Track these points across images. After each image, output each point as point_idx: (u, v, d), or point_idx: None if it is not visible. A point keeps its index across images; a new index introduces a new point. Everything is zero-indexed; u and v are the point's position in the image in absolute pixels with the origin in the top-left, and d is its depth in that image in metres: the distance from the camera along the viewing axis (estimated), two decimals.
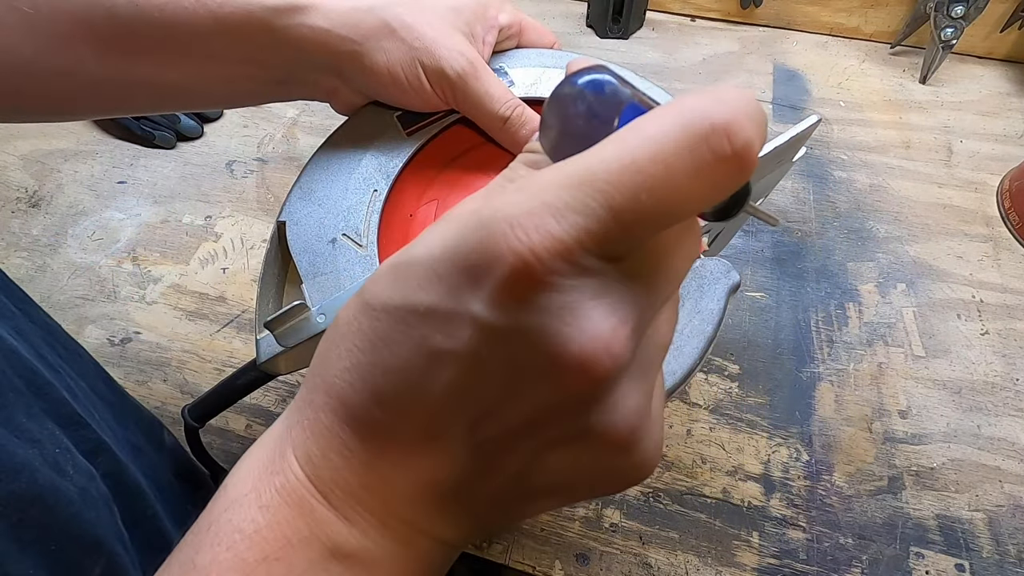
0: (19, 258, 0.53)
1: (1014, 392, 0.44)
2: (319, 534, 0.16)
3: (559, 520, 0.40)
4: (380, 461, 0.16)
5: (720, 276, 0.29)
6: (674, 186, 0.13)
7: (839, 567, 0.38)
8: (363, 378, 0.16)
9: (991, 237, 0.53)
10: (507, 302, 0.13)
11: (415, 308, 0.15)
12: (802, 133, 0.25)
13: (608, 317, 0.14)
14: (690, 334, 0.28)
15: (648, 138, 0.13)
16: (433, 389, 0.15)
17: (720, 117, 0.12)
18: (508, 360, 0.14)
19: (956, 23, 0.59)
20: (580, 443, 0.15)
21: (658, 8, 0.72)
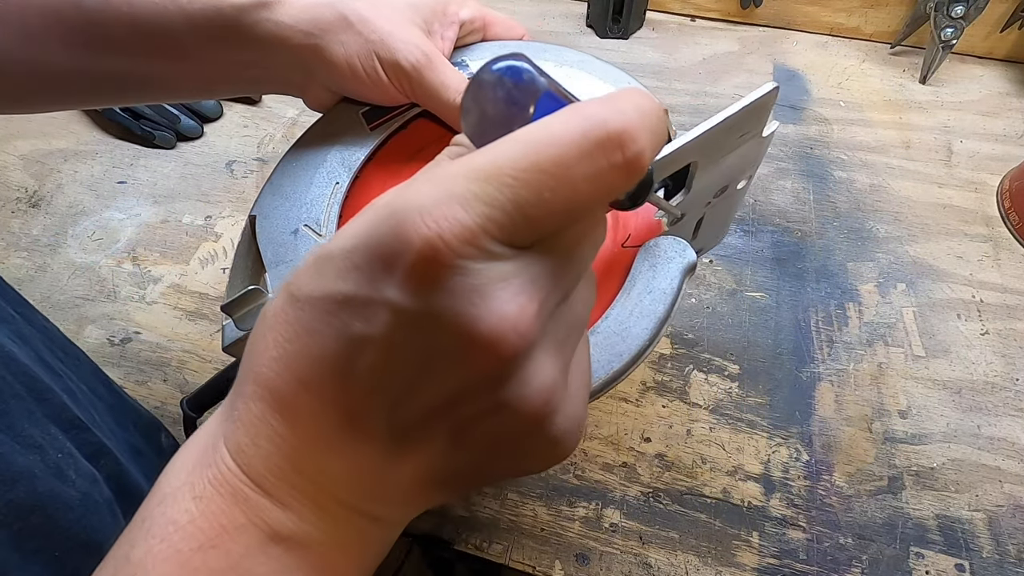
0: (19, 258, 0.53)
1: (1014, 392, 0.44)
2: (255, 520, 0.16)
3: (559, 520, 0.40)
4: (310, 445, 0.17)
5: (675, 255, 0.28)
6: (573, 187, 0.14)
7: (839, 567, 0.38)
8: (289, 366, 0.16)
9: (991, 237, 0.53)
10: (418, 286, 0.14)
11: (335, 297, 0.15)
12: (756, 103, 0.24)
13: (515, 298, 0.15)
14: (640, 315, 0.27)
15: (552, 141, 0.14)
16: (355, 373, 0.16)
17: (615, 127, 0.14)
18: (422, 342, 0.15)
19: (956, 23, 0.59)
20: (497, 418, 0.16)
21: (658, 8, 0.72)
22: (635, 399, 0.44)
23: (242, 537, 0.16)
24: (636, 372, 0.45)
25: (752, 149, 0.28)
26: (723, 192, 0.30)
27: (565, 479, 0.41)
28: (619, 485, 0.41)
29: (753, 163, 0.30)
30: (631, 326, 0.27)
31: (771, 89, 0.24)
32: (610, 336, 0.27)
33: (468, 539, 0.39)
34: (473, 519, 0.40)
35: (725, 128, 0.24)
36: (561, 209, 0.15)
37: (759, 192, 0.56)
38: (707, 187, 0.29)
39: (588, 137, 0.14)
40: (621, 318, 0.27)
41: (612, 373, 0.26)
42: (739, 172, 0.30)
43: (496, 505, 0.40)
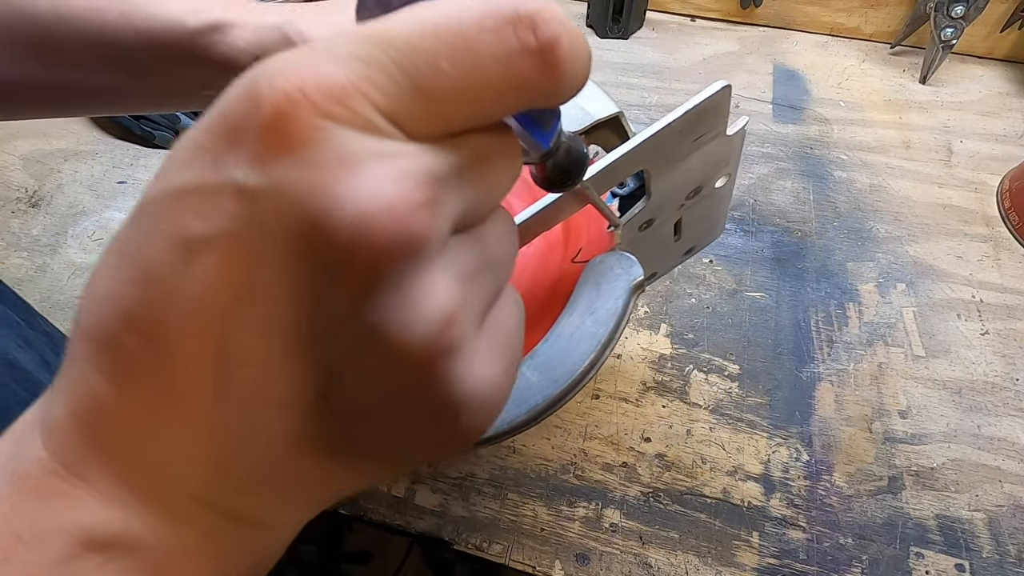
0: (19, 258, 0.53)
1: (1014, 392, 0.44)
2: (66, 523, 0.13)
3: (559, 520, 0.40)
4: (142, 411, 0.13)
5: (620, 273, 0.27)
6: (476, 63, 0.12)
7: (839, 567, 0.38)
8: (116, 303, 0.12)
9: (991, 237, 0.53)
10: (269, 156, 0.11)
11: (171, 193, 0.12)
12: (702, 105, 0.23)
13: (396, 176, 0.11)
14: (580, 338, 0.25)
15: (453, 10, 0.12)
16: (189, 293, 0.12)
17: (526, 8, 0.12)
18: (272, 236, 0.11)
19: (956, 23, 0.59)
20: (372, 353, 0.12)
21: (658, 8, 0.72)
22: (635, 399, 0.44)
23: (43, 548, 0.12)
24: (636, 372, 0.45)
25: (719, 149, 0.27)
26: (697, 193, 0.30)
27: (565, 479, 0.41)
28: (619, 485, 0.41)
29: (725, 162, 0.29)
30: (571, 350, 0.25)
31: (718, 90, 0.23)
32: (549, 359, 0.25)
33: (468, 539, 0.39)
34: (473, 519, 0.40)
35: (670, 134, 0.23)
36: (463, 88, 0.12)
37: (759, 192, 0.56)
38: (674, 190, 0.28)
39: (495, 10, 0.12)
40: (562, 340, 0.26)
41: (547, 400, 0.25)
42: (710, 172, 0.29)
43: (496, 505, 0.40)
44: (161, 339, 0.12)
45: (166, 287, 0.12)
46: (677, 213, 0.31)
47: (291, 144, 0.11)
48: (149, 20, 0.29)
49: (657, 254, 0.33)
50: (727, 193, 0.33)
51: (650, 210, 0.28)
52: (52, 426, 0.13)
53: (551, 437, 0.43)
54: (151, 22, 0.29)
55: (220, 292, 0.12)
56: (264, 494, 0.14)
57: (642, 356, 0.46)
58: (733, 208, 0.55)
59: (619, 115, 0.30)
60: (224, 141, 0.11)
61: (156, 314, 0.12)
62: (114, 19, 0.29)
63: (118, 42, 0.29)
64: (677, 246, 0.34)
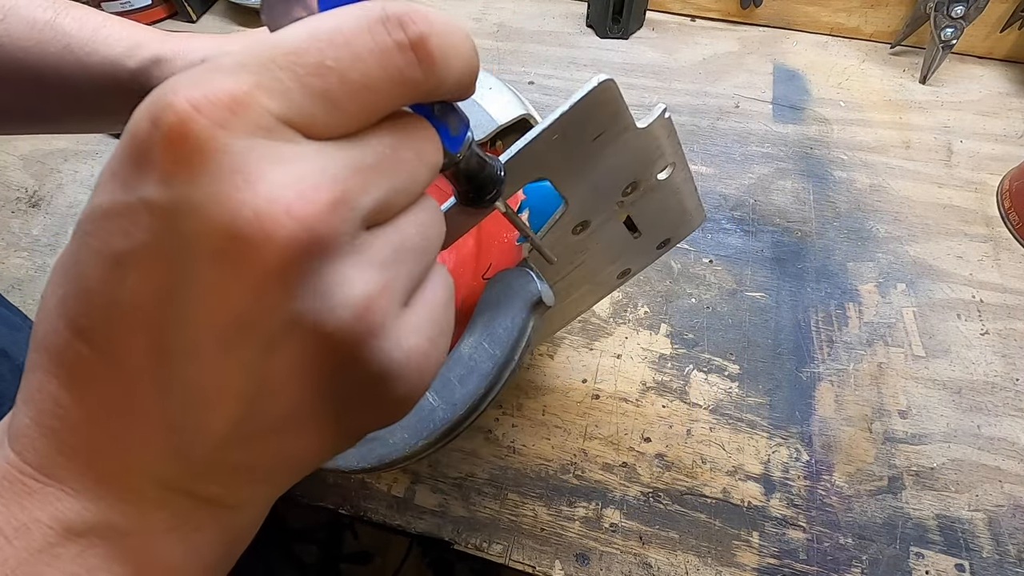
0: (19, 258, 0.53)
1: (1014, 392, 0.44)
2: (41, 518, 0.14)
3: (559, 520, 0.40)
4: (97, 411, 0.14)
5: (518, 290, 0.26)
6: (358, 59, 0.13)
7: (839, 567, 0.38)
8: (62, 314, 0.14)
9: (991, 237, 0.53)
10: (172, 173, 0.12)
11: (94, 214, 0.13)
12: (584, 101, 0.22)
13: (294, 181, 0.12)
14: (479, 360, 0.25)
15: (329, 19, 0.13)
16: (124, 302, 0.13)
17: (393, 9, 0.13)
18: (187, 246, 0.12)
19: (956, 23, 0.59)
20: (295, 342, 0.13)
21: (658, 8, 0.72)
22: (635, 399, 0.44)
23: (22, 541, 0.13)
24: (636, 372, 0.45)
25: (636, 143, 0.25)
26: (635, 188, 0.28)
27: (565, 479, 0.41)
28: (619, 485, 0.41)
29: (658, 154, 0.27)
30: (470, 372, 0.25)
31: (594, 87, 0.22)
32: (448, 383, 0.25)
33: (468, 539, 0.39)
34: (473, 519, 0.40)
35: (547, 141, 0.22)
36: (349, 84, 0.13)
37: (759, 192, 0.56)
38: (597, 191, 0.27)
39: (367, 13, 0.13)
40: (460, 363, 0.25)
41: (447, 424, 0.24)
42: (640, 168, 0.27)
43: (496, 505, 0.40)
44: (105, 345, 0.13)
45: (102, 298, 0.13)
46: (620, 211, 0.29)
47: (191, 158, 0.12)
48: (92, 55, 0.30)
49: (620, 252, 0.32)
50: (683, 182, 0.31)
51: (576, 214, 0.27)
52: (18, 433, 0.14)
53: (551, 437, 0.43)
54: (94, 57, 0.30)
55: (149, 298, 0.13)
56: (225, 476, 0.15)
57: (642, 356, 0.46)
58: (733, 208, 0.55)
59: (527, 116, 0.30)
60: (131, 163, 0.12)
61: (98, 323, 0.13)
62: (57, 51, 0.29)
63: (61, 74, 0.30)
64: (642, 241, 0.33)
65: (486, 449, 0.43)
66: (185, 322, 0.13)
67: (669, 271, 0.51)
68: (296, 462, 0.16)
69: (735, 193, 0.56)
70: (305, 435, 0.15)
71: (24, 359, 0.15)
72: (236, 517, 0.17)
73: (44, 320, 0.14)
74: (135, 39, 0.30)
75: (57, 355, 0.14)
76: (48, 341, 0.14)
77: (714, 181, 0.57)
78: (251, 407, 0.14)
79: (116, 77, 0.30)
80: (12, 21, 0.29)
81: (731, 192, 0.56)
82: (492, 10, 0.74)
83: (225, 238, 0.12)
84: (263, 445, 0.15)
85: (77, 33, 0.29)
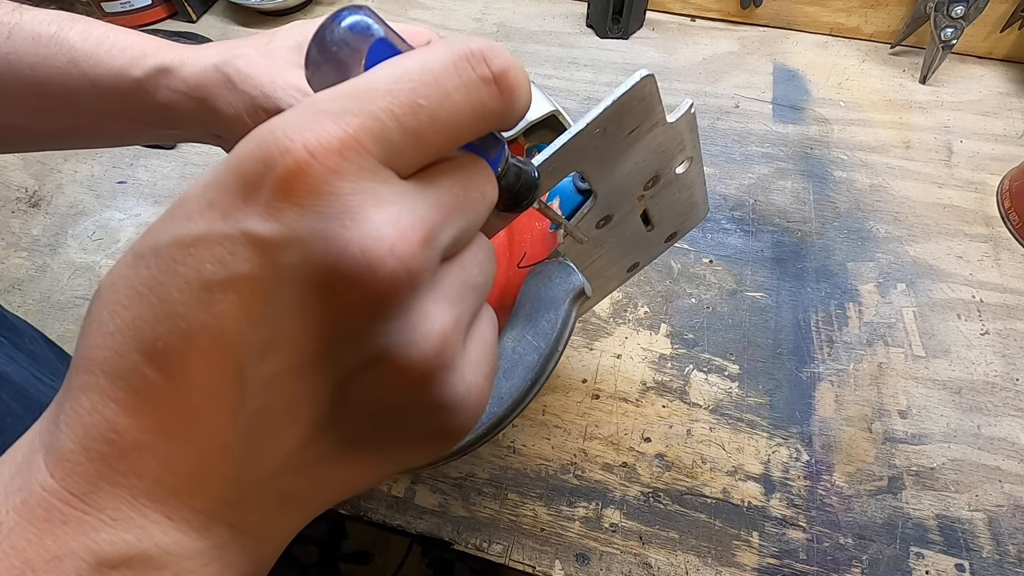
0: (19, 258, 0.53)
1: (1014, 392, 0.44)
2: (76, 549, 0.13)
3: (559, 520, 0.40)
4: (156, 435, 0.14)
5: (559, 282, 0.26)
6: (447, 96, 0.14)
7: (839, 567, 0.38)
8: (129, 337, 0.13)
9: (991, 237, 0.53)
10: (282, 210, 0.13)
11: (183, 240, 0.13)
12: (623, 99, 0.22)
13: (395, 220, 0.13)
14: (522, 352, 0.25)
15: (416, 59, 0.14)
16: (210, 330, 0.13)
17: (476, 45, 0.14)
18: (289, 278, 0.13)
19: (956, 23, 0.59)
20: (378, 371, 0.14)
21: (658, 8, 0.72)
22: (635, 399, 0.44)
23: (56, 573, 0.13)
24: (636, 372, 0.45)
25: (664, 138, 0.26)
26: (656, 183, 0.29)
27: (565, 479, 0.41)
28: (619, 485, 0.41)
29: (679, 148, 0.28)
30: (514, 365, 0.25)
31: (636, 82, 0.22)
32: None
33: (468, 539, 0.39)
34: (473, 519, 0.40)
35: (590, 135, 0.23)
36: (439, 120, 0.14)
37: (759, 192, 0.56)
38: (624, 185, 0.27)
39: (453, 51, 0.14)
40: (504, 356, 0.25)
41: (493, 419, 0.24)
42: (664, 161, 0.28)
43: (496, 505, 0.40)
44: (180, 371, 0.13)
45: (187, 323, 0.13)
46: (639, 205, 0.30)
47: (304, 199, 0.12)
48: (97, 67, 0.30)
49: (632, 245, 0.33)
50: (696, 176, 0.32)
51: (602, 208, 0.27)
52: (60, 456, 0.14)
53: (551, 437, 0.43)
54: (99, 69, 0.30)
55: (239, 326, 0.13)
56: (268, 503, 0.15)
57: (642, 356, 0.46)
58: (733, 208, 0.55)
59: (555, 113, 0.30)
60: (234, 196, 0.13)
61: (178, 348, 0.13)
62: (63, 65, 0.29)
63: (67, 88, 0.30)
64: (654, 235, 0.33)
65: (486, 449, 0.43)
66: (272, 349, 0.13)
67: (669, 271, 0.51)
68: (336, 491, 0.17)
69: (735, 193, 0.56)
70: (355, 464, 0.16)
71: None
72: (265, 547, 0.17)
73: (101, 344, 0.14)
74: (140, 49, 0.30)
75: (120, 379, 0.13)
76: (109, 364, 0.13)
77: (714, 181, 0.57)
78: (315, 434, 0.15)
79: (121, 87, 0.30)
80: (17, 38, 0.29)
81: (731, 192, 0.56)
82: (492, 10, 0.74)
83: (331, 273, 0.13)
84: (314, 472, 0.15)
85: (81, 46, 0.29)
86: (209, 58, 0.30)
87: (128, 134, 0.34)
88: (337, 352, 0.14)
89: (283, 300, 0.13)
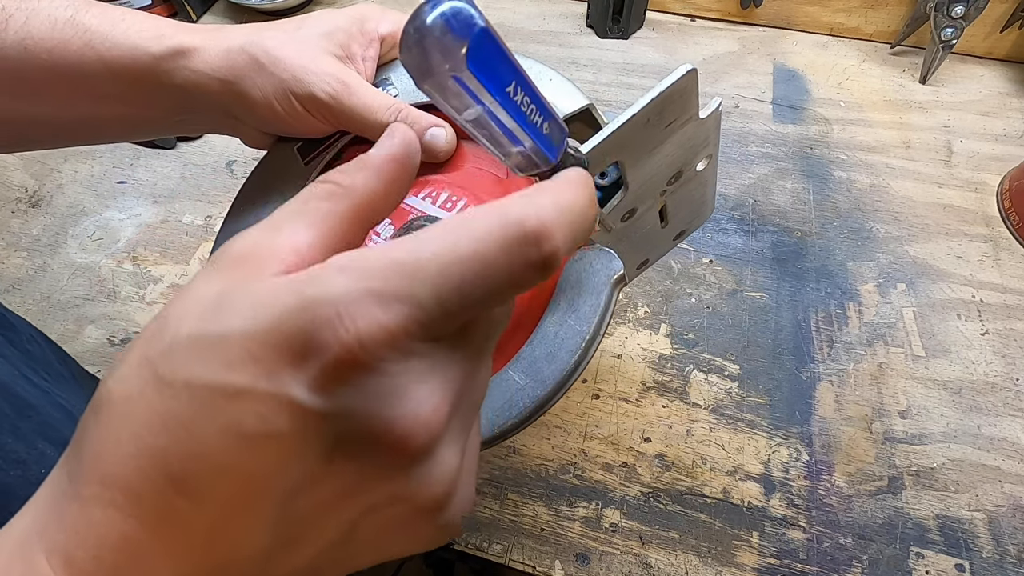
0: (19, 258, 0.53)
1: (1014, 392, 0.44)
2: None
3: (559, 520, 0.40)
4: (176, 554, 0.14)
5: (600, 268, 0.27)
6: (492, 280, 0.14)
7: (839, 567, 0.38)
8: (156, 464, 0.14)
9: (991, 237, 0.53)
10: (331, 387, 0.14)
11: (224, 389, 0.14)
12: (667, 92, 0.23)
13: (431, 397, 0.15)
14: (564, 337, 0.26)
15: (472, 237, 0.14)
16: (245, 474, 0.14)
17: (532, 226, 0.15)
18: (328, 441, 0.14)
19: (956, 23, 0.59)
20: (394, 508, 0.16)
21: (658, 8, 0.72)
22: (635, 399, 0.44)
23: None
24: (636, 372, 0.45)
25: (694, 133, 0.27)
26: (678, 179, 0.30)
27: (565, 479, 0.41)
28: (619, 485, 0.41)
29: (703, 145, 0.29)
30: (556, 349, 0.26)
31: (684, 74, 0.23)
32: (535, 361, 0.26)
33: (468, 539, 0.39)
34: (473, 519, 0.40)
35: (638, 124, 0.23)
36: (480, 300, 0.15)
37: (759, 192, 0.56)
38: (653, 178, 0.28)
39: (507, 232, 0.14)
40: (546, 340, 0.26)
41: (537, 401, 0.25)
42: (689, 157, 0.29)
43: (496, 505, 0.40)
44: (207, 500, 0.14)
45: (218, 464, 0.14)
46: (660, 200, 0.30)
47: (348, 382, 0.14)
48: (113, 49, 0.29)
49: (646, 242, 0.33)
50: (711, 174, 0.32)
51: (630, 200, 0.28)
52: (67, 560, 0.14)
53: (551, 437, 0.43)
54: (115, 51, 0.29)
55: (273, 471, 0.14)
56: None
57: (642, 356, 0.46)
58: (733, 208, 0.55)
59: (590, 107, 0.31)
60: (281, 360, 0.14)
61: (205, 483, 0.14)
62: (79, 48, 0.29)
63: (83, 72, 0.29)
64: (666, 232, 0.34)
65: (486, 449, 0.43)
66: (300, 492, 0.15)
67: (669, 271, 0.51)
68: None
69: (735, 193, 0.56)
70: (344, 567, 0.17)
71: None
72: None
73: (120, 462, 0.14)
74: (158, 30, 0.30)
75: (142, 500, 0.14)
76: (129, 484, 0.14)
77: None
78: (322, 556, 0.16)
79: (136, 69, 0.30)
80: (34, 23, 0.29)
81: (731, 192, 0.56)
82: (492, 10, 0.74)
83: (371, 444, 0.14)
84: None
85: (97, 28, 0.29)
86: (234, 39, 0.30)
87: (142, 122, 0.33)
88: (366, 498, 0.16)
89: (317, 454, 0.14)
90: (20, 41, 0.28)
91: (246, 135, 0.34)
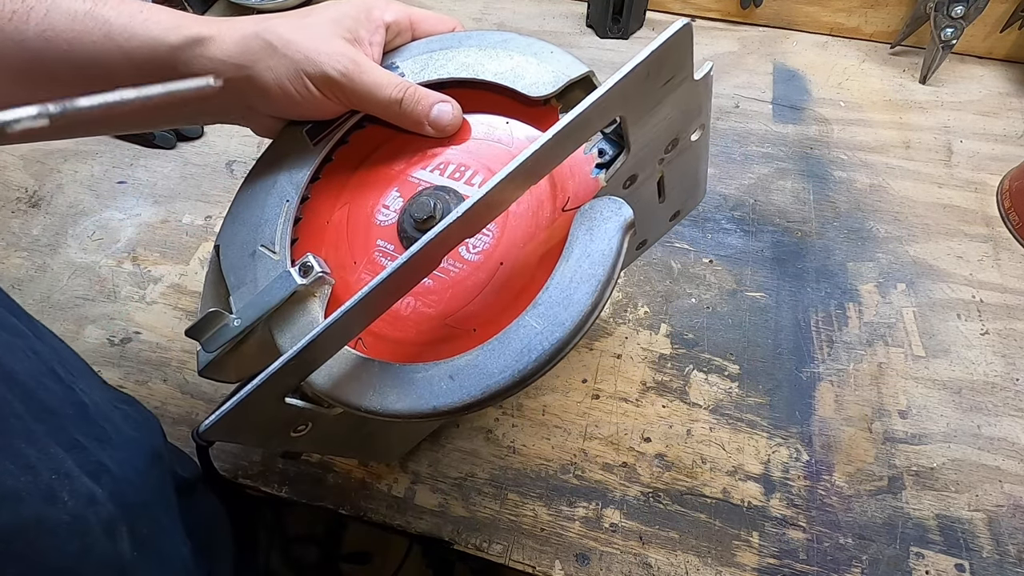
0: (19, 258, 0.53)
1: (1014, 392, 0.44)
2: None
3: (559, 520, 0.40)
4: None
5: (611, 215, 0.28)
6: None
7: (839, 567, 0.38)
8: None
9: (991, 237, 0.53)
10: None
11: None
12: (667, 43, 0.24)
13: None
14: (580, 280, 0.26)
15: None
16: None
17: None
18: None
19: (956, 23, 0.59)
20: None
21: (658, 8, 0.72)
22: (635, 399, 0.44)
23: None
24: (636, 372, 0.45)
25: (688, 96, 0.28)
26: (675, 146, 0.31)
27: (565, 479, 0.41)
28: (619, 485, 0.41)
29: (697, 112, 0.30)
30: (572, 292, 0.26)
31: (680, 28, 0.24)
32: (551, 306, 0.27)
33: (468, 539, 0.39)
34: (473, 519, 0.40)
35: (638, 77, 0.24)
36: None
37: (759, 192, 0.56)
38: (652, 142, 0.29)
39: None
40: (562, 286, 0.27)
41: (555, 345, 0.26)
42: (684, 123, 0.30)
43: (496, 505, 0.40)
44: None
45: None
46: (658, 169, 0.31)
47: None
48: (132, 39, 0.30)
49: (645, 218, 0.34)
50: (704, 149, 0.33)
51: (631, 165, 0.29)
52: None
53: (551, 437, 0.43)
54: (134, 41, 0.30)
55: None
56: None
57: (642, 356, 0.46)
58: (733, 208, 0.55)
59: (590, 74, 0.32)
60: None
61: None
62: (99, 40, 0.30)
63: (103, 62, 0.30)
64: (663, 209, 0.35)
65: (486, 449, 0.43)
66: None
67: (669, 271, 0.51)
68: None
69: (735, 193, 0.56)
70: None
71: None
72: None
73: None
74: (175, 21, 0.31)
75: None
76: None
77: (714, 181, 0.57)
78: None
79: (156, 58, 0.30)
80: (54, 15, 0.29)
81: (731, 192, 0.56)
82: (492, 10, 0.74)
83: None
84: None
85: (116, 19, 0.30)
86: (248, 27, 0.31)
87: (158, 111, 0.34)
88: None
89: None
90: (41, 32, 0.29)
91: (257, 123, 0.35)
